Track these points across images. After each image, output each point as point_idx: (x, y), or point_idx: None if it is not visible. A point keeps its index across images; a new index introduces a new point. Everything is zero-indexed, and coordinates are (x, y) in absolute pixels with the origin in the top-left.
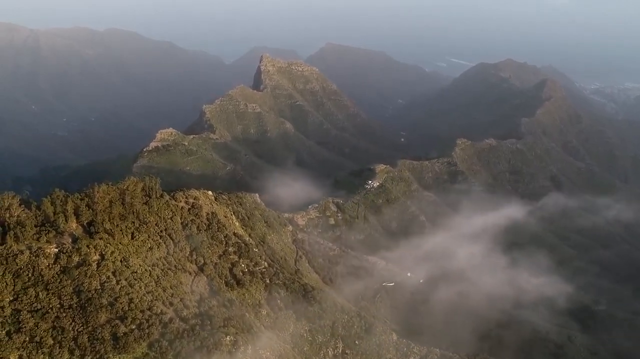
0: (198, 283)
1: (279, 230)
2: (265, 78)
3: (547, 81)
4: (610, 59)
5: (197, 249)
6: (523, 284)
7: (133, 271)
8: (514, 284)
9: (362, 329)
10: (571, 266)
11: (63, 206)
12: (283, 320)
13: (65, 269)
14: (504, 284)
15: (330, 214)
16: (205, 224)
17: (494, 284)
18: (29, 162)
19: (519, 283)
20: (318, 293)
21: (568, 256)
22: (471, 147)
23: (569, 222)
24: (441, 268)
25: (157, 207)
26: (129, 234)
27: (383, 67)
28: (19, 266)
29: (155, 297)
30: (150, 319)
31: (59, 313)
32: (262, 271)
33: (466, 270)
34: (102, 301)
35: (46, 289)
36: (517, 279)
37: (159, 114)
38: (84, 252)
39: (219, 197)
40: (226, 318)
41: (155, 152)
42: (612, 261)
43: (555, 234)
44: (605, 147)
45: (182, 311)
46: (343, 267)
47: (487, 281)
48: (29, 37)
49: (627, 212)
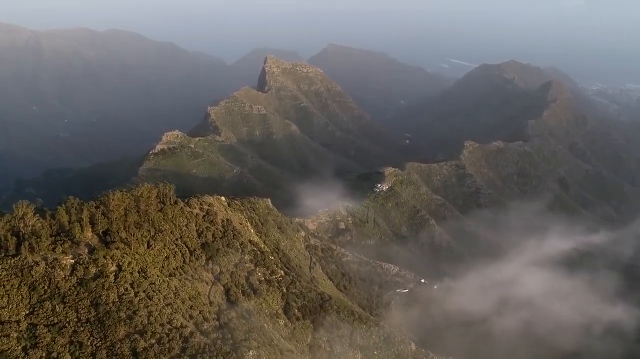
0: (215, 293)
1: (292, 236)
2: (269, 79)
3: (552, 83)
4: (611, 60)
5: (213, 257)
6: (592, 311)
7: (151, 282)
8: (584, 311)
9: (381, 338)
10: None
11: (78, 215)
12: (301, 330)
13: (82, 281)
14: (574, 310)
15: (341, 218)
16: (220, 232)
17: (563, 310)
18: (31, 164)
19: (589, 310)
20: (335, 301)
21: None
22: (479, 149)
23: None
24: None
25: (172, 214)
26: (145, 243)
27: (385, 69)
28: (34, 278)
29: (175, 309)
30: (170, 334)
31: (76, 327)
32: (278, 280)
33: (526, 292)
34: (121, 315)
35: (63, 302)
36: (587, 305)
37: (161, 116)
38: (101, 263)
39: (232, 203)
40: (247, 331)
41: (161, 155)
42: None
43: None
44: (611, 150)
45: (203, 324)
46: (356, 274)
47: (555, 307)
48: (30, 38)
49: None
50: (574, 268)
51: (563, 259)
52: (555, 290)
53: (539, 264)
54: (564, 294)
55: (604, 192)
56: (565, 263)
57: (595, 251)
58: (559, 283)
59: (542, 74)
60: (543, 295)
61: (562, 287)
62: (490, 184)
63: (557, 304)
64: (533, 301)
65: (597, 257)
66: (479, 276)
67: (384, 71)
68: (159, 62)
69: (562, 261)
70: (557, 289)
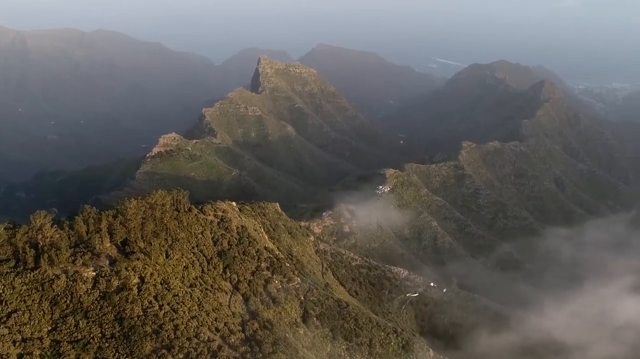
0: (235, 303)
1: (302, 241)
2: (263, 80)
3: (544, 82)
4: (596, 60)
5: (230, 266)
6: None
7: (174, 294)
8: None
9: (399, 346)
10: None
11: (97, 225)
12: (320, 339)
13: (105, 295)
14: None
15: (345, 221)
16: (235, 239)
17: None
18: (19, 166)
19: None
20: (353, 308)
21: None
22: (476, 150)
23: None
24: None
25: (187, 222)
26: (163, 252)
27: (374, 68)
28: (55, 292)
29: (201, 322)
30: (198, 348)
31: (101, 343)
32: (295, 288)
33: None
34: (146, 329)
35: (86, 317)
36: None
37: (150, 116)
38: (123, 275)
39: (243, 208)
40: (273, 343)
41: (158, 158)
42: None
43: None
44: (604, 149)
45: (229, 337)
46: (366, 278)
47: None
48: (15, 39)
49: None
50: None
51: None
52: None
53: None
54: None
55: (599, 191)
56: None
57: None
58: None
59: (530, 74)
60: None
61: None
62: (488, 184)
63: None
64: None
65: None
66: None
67: (373, 71)
68: (146, 62)
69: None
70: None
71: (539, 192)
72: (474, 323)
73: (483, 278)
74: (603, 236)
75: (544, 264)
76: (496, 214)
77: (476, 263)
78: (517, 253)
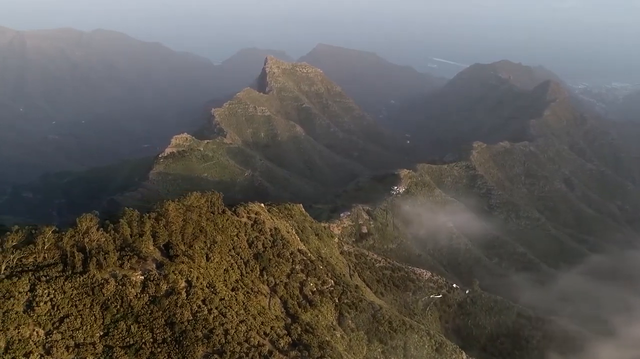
0: (274, 306)
1: (328, 242)
2: (270, 80)
3: (550, 82)
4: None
5: (266, 268)
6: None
7: (221, 297)
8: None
9: (433, 348)
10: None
11: (140, 228)
12: (356, 342)
13: (155, 299)
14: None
15: (363, 222)
16: (269, 241)
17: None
18: (20, 167)
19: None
20: (387, 311)
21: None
22: (487, 150)
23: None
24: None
25: (222, 224)
26: (204, 255)
27: (375, 68)
28: (106, 296)
29: (249, 326)
30: (249, 353)
31: (153, 348)
32: (330, 290)
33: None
34: (197, 334)
35: (137, 321)
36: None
37: (150, 116)
38: (171, 279)
39: (271, 210)
40: (319, 346)
41: (170, 159)
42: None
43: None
44: (610, 149)
45: (278, 341)
46: (390, 280)
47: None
48: (14, 39)
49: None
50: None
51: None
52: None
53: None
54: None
55: (608, 191)
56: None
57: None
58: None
59: (532, 74)
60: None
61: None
62: (499, 184)
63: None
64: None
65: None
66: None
67: (373, 71)
68: (146, 62)
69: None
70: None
71: (549, 193)
72: (498, 325)
73: (501, 280)
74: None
75: (558, 264)
76: (508, 215)
77: (492, 264)
78: (532, 254)
